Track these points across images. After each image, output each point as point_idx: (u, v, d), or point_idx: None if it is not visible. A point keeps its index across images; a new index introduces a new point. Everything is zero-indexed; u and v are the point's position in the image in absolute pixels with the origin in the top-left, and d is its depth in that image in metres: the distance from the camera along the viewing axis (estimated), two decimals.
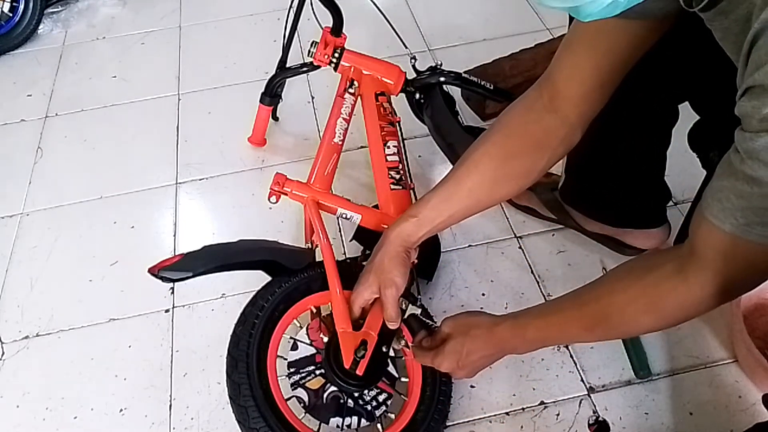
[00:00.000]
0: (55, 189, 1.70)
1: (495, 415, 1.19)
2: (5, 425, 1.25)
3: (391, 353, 1.10)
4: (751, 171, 0.65)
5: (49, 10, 2.29)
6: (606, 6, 0.66)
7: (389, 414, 1.11)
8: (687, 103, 1.11)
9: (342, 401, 1.09)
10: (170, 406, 1.25)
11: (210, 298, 1.41)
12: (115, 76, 2.05)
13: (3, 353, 1.36)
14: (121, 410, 1.25)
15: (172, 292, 1.43)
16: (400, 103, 1.49)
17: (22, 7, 2.17)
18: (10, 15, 2.17)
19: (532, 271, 1.40)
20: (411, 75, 1.47)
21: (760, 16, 0.61)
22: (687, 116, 1.12)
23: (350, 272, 1.12)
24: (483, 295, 1.36)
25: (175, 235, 1.56)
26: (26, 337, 1.39)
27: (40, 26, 2.24)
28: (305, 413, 1.07)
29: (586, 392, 1.21)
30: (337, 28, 1.40)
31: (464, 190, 1.03)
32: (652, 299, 0.84)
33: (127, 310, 1.41)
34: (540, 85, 1.01)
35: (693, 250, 0.78)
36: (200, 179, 1.69)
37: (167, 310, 1.40)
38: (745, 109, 0.65)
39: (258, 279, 1.15)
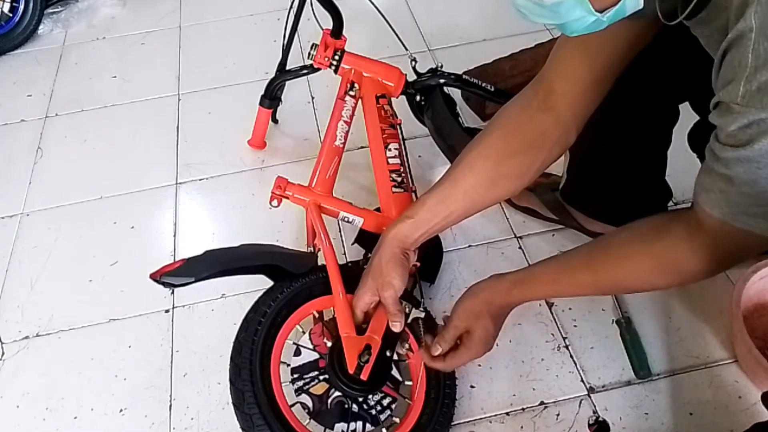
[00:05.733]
0: (55, 189, 1.70)
1: (495, 415, 1.19)
2: (5, 425, 1.25)
3: (395, 357, 1.10)
4: (725, 172, 0.71)
5: (49, 10, 2.29)
6: (590, 24, 0.69)
7: (394, 418, 1.11)
8: (687, 103, 1.11)
9: (346, 406, 1.09)
10: (170, 406, 1.25)
11: (210, 298, 1.41)
12: (115, 76, 2.05)
13: (3, 353, 1.36)
14: (121, 410, 1.25)
15: (172, 293, 1.43)
16: (399, 104, 1.49)
17: (22, 7, 2.17)
18: (10, 15, 2.17)
19: None
20: (411, 77, 1.47)
21: (728, 34, 0.64)
22: (687, 116, 1.12)
23: (352, 276, 1.12)
24: None
25: (175, 236, 1.56)
26: (26, 337, 1.39)
27: (40, 26, 2.24)
28: (310, 419, 1.07)
29: (586, 392, 1.21)
30: (337, 31, 1.40)
31: (460, 191, 1.04)
32: (663, 263, 0.88)
33: (127, 310, 1.41)
34: (534, 85, 1.01)
35: (700, 222, 0.81)
36: (200, 179, 1.69)
37: (167, 311, 1.40)
38: (715, 121, 0.70)
39: (258, 279, 1.16)
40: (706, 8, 0.69)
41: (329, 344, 1.09)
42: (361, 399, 1.10)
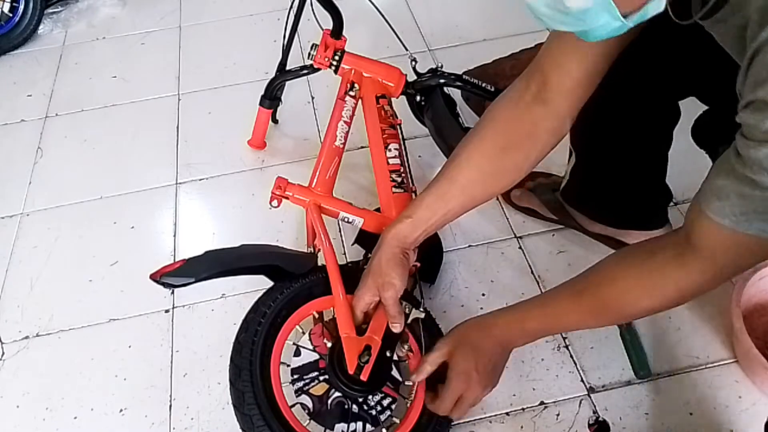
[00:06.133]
0: (55, 189, 1.70)
1: (495, 415, 1.19)
2: (5, 425, 1.25)
3: (395, 357, 1.09)
4: (754, 176, 0.67)
5: (49, 10, 2.29)
6: (614, 29, 0.67)
7: (394, 418, 1.11)
8: (687, 103, 1.11)
9: (346, 407, 1.09)
10: (170, 406, 1.25)
11: (210, 298, 1.41)
12: (115, 76, 2.05)
13: (3, 353, 1.36)
14: (121, 410, 1.26)
15: (172, 293, 1.43)
16: (399, 104, 1.49)
17: (22, 7, 2.17)
18: (10, 15, 2.17)
19: (532, 272, 1.40)
20: (411, 77, 1.47)
21: (759, 34, 0.63)
22: (687, 117, 1.13)
23: (353, 276, 1.11)
24: (483, 295, 1.36)
25: (175, 236, 1.56)
26: (26, 337, 1.39)
27: (40, 26, 2.24)
28: (310, 420, 1.07)
29: (586, 392, 1.21)
30: (337, 31, 1.40)
31: (458, 187, 1.04)
32: (651, 285, 0.87)
33: (127, 310, 1.41)
34: (527, 77, 1.00)
35: (690, 240, 0.80)
36: (200, 179, 1.69)
37: (167, 311, 1.40)
38: (747, 120, 0.67)
39: (258, 279, 1.15)
40: (722, 8, 0.69)
41: (329, 345, 1.09)
42: (361, 399, 1.10)
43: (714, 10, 0.69)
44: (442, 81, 1.47)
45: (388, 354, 1.07)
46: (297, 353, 1.12)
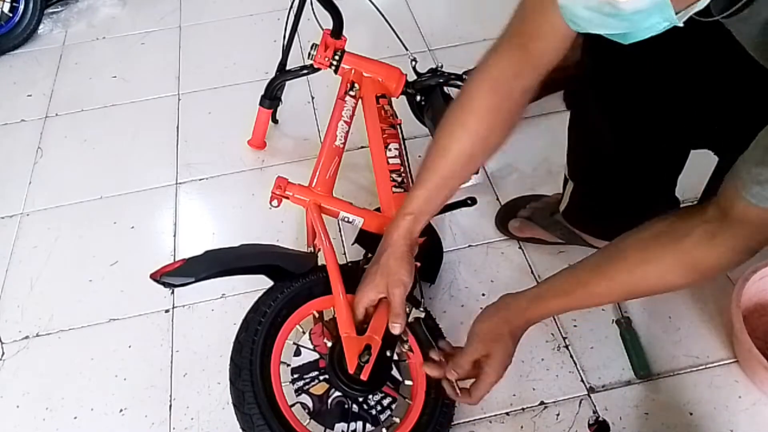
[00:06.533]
0: (55, 189, 1.70)
1: (495, 415, 1.19)
2: (5, 425, 1.25)
3: (395, 357, 1.09)
4: None
5: (49, 10, 2.29)
6: (660, 29, 0.65)
7: (394, 418, 1.11)
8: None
9: (347, 406, 1.09)
10: (170, 406, 1.25)
11: (210, 298, 1.41)
12: (115, 76, 2.05)
13: (3, 353, 1.36)
14: (121, 410, 1.26)
15: (172, 293, 1.43)
16: (399, 104, 1.49)
17: (22, 7, 2.17)
18: (10, 15, 2.17)
19: (532, 272, 1.40)
20: (411, 77, 1.47)
21: None
22: None
23: (353, 276, 1.12)
24: (483, 295, 1.36)
25: (175, 236, 1.56)
26: (26, 337, 1.39)
27: (40, 26, 2.24)
28: (310, 419, 1.07)
29: (586, 392, 1.21)
30: (337, 31, 1.40)
31: (451, 177, 1.05)
32: (686, 265, 0.86)
33: (127, 310, 1.41)
34: (504, 56, 1.00)
35: (725, 219, 0.80)
36: (200, 179, 1.69)
37: (167, 311, 1.40)
38: None
39: (258, 279, 1.15)
40: (749, 7, 0.67)
41: (329, 344, 1.09)
42: (361, 399, 1.10)
43: (742, 8, 0.68)
44: (442, 81, 1.47)
45: (388, 354, 1.07)
46: (297, 353, 1.12)
